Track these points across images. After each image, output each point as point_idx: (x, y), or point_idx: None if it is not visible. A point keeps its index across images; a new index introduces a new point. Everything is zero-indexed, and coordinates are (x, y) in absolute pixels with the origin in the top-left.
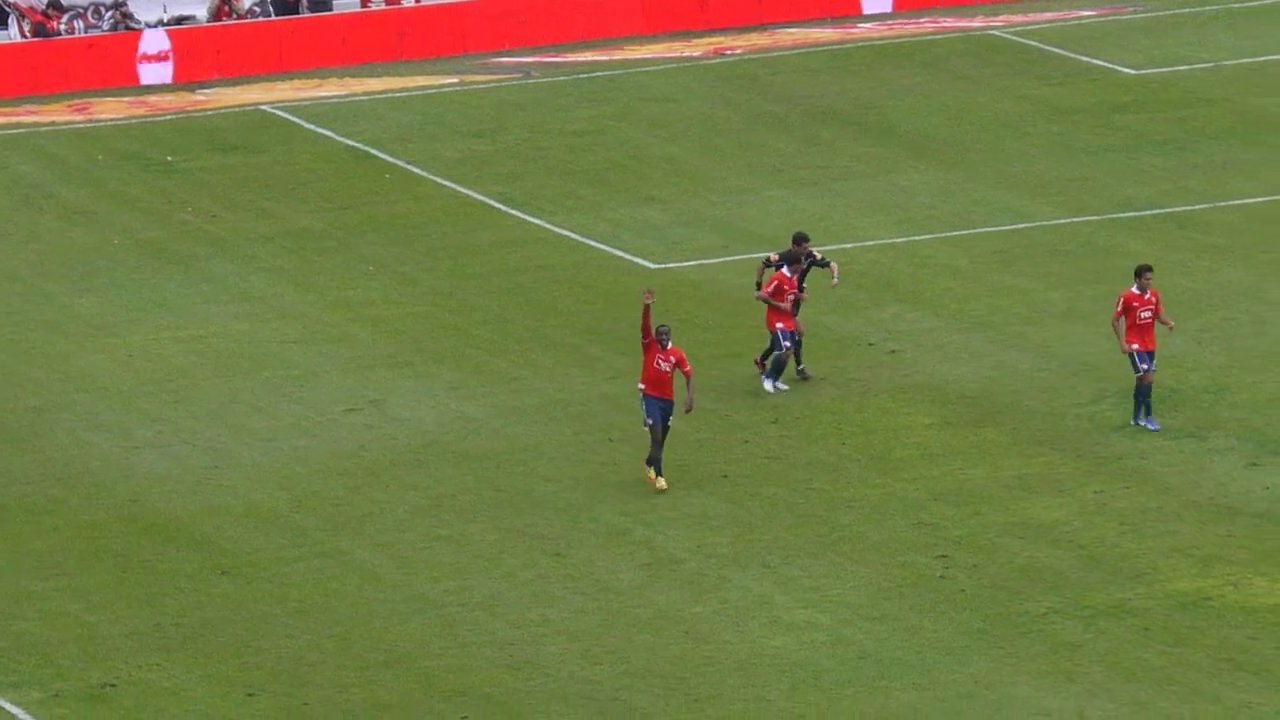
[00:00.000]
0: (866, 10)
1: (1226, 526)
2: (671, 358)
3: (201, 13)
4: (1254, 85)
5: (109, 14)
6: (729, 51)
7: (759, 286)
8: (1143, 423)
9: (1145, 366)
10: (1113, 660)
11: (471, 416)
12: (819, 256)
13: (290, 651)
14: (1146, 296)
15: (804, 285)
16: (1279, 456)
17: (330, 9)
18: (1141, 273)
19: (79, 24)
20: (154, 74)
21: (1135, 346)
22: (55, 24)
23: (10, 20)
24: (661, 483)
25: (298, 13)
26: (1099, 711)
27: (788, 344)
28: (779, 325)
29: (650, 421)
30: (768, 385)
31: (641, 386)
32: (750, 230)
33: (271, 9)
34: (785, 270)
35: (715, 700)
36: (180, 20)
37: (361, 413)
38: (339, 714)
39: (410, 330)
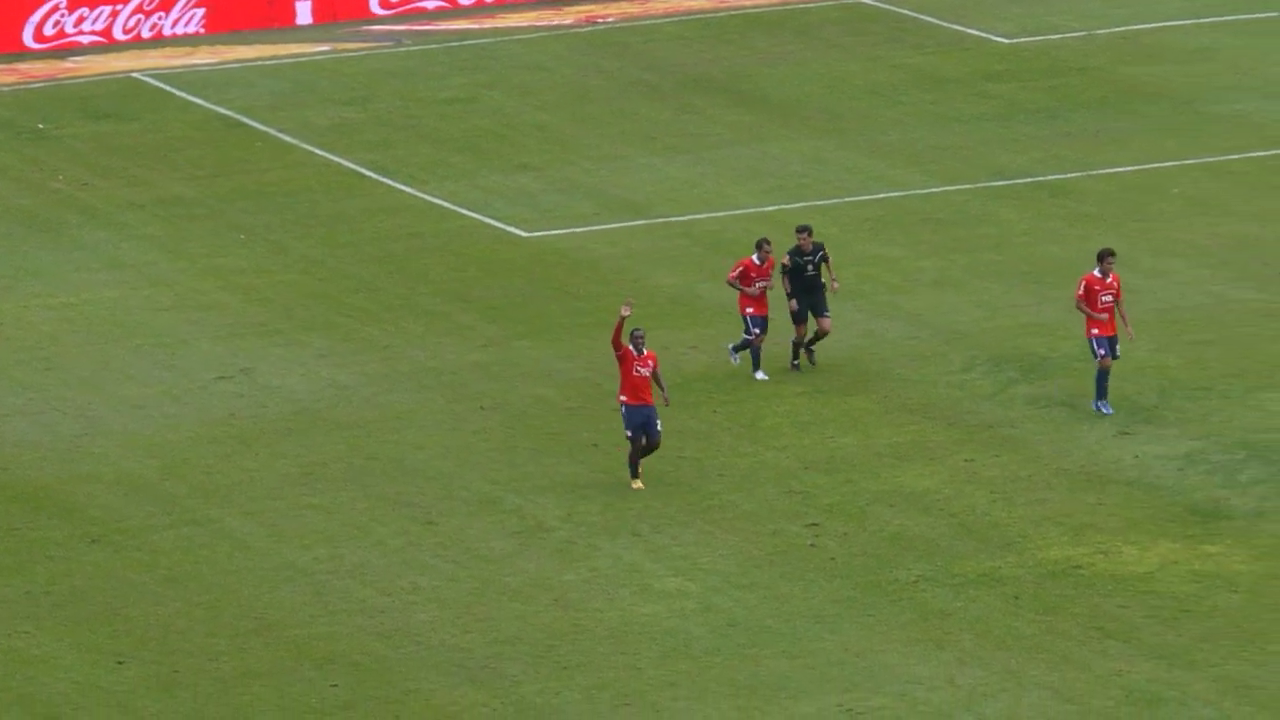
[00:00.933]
0: None
1: (1097, 495)
2: (650, 362)
3: None
4: (1126, 54)
5: None
6: (601, 20)
7: (790, 295)
8: (1097, 406)
9: (1102, 352)
10: (983, 628)
11: (342, 384)
12: (825, 254)
13: (160, 619)
14: (1108, 280)
15: (821, 280)
16: (1150, 425)
17: None
18: (1104, 257)
19: None
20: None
21: (1095, 332)
22: None
23: None
24: (638, 484)
25: None
26: (969, 679)
27: (757, 330)
28: (749, 310)
29: (630, 432)
30: (738, 361)
31: (623, 399)
32: (623, 198)
33: None
34: (754, 258)
35: (586, 668)
36: None
37: (232, 380)
38: (209, 682)
39: (281, 298)
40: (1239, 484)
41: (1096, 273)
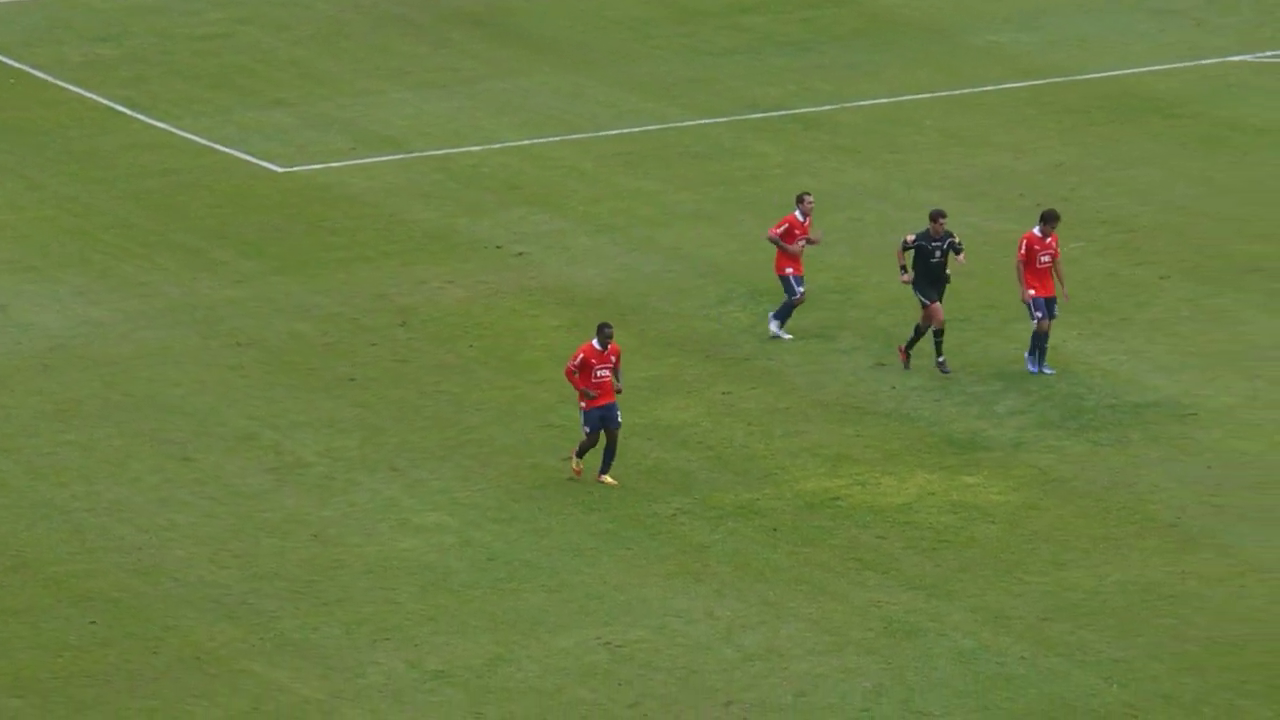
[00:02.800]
0: None
1: (854, 426)
2: (612, 358)
3: None
4: None
5: None
6: None
7: (903, 269)
8: (1040, 369)
9: (1039, 315)
10: (741, 560)
11: (98, 321)
12: (956, 240)
13: None
14: (1048, 241)
15: (948, 271)
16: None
17: None
18: (1048, 218)
19: None
20: None
21: (1032, 292)
22: None
23: None
24: (579, 466)
25: None
26: (728, 611)
27: (801, 290)
28: (788, 270)
29: (589, 428)
30: (774, 328)
31: (583, 405)
32: (379, 133)
33: None
34: (797, 214)
35: (345, 603)
36: None
37: None
38: None
39: (35, 235)
40: (996, 415)
41: (1037, 231)
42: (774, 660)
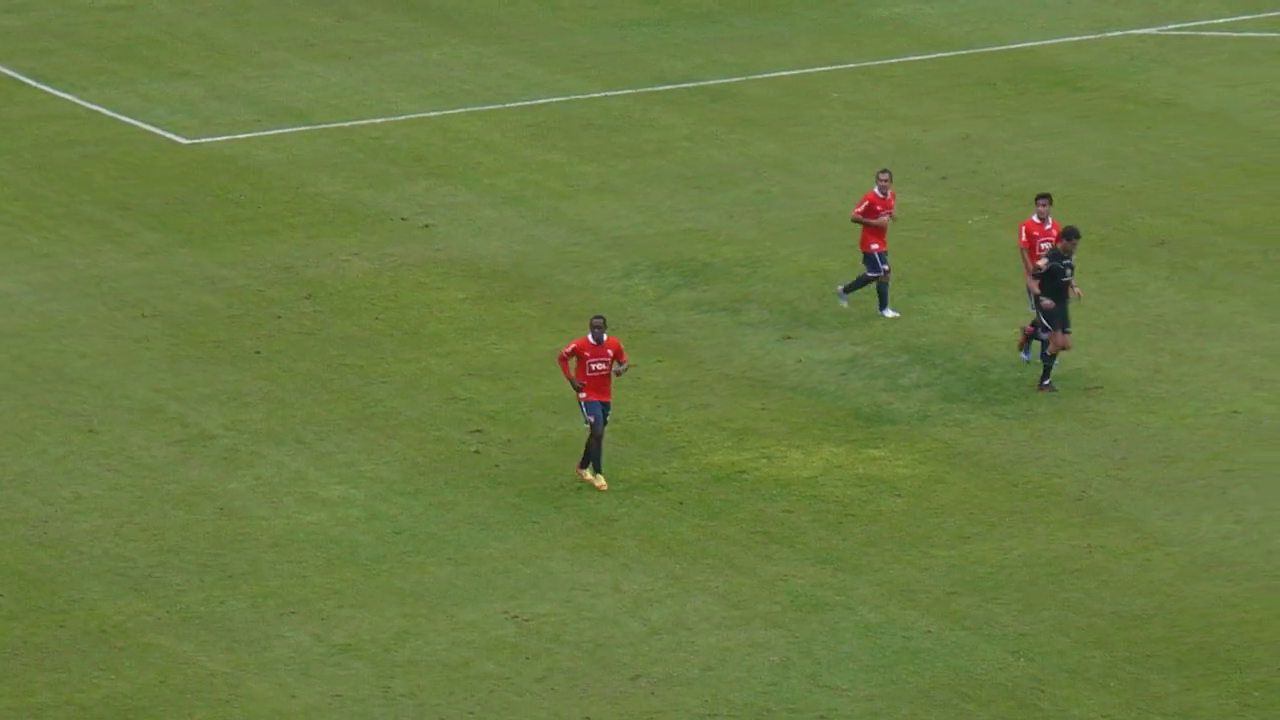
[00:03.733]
0: None
1: (760, 400)
2: (609, 351)
3: None
4: None
5: None
6: None
7: (1041, 296)
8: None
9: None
10: (648, 534)
11: (3, 293)
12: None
13: None
14: (1048, 226)
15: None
16: (812, 330)
17: None
18: (1039, 200)
19: None
20: None
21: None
22: None
23: None
24: (601, 481)
25: None
26: (634, 585)
27: (885, 267)
28: (873, 246)
29: (592, 418)
30: (843, 302)
31: (581, 396)
32: (284, 104)
33: None
34: (876, 190)
35: (251, 576)
36: None
37: None
38: None
39: None
40: (902, 388)
41: (1034, 218)
42: (681, 634)
